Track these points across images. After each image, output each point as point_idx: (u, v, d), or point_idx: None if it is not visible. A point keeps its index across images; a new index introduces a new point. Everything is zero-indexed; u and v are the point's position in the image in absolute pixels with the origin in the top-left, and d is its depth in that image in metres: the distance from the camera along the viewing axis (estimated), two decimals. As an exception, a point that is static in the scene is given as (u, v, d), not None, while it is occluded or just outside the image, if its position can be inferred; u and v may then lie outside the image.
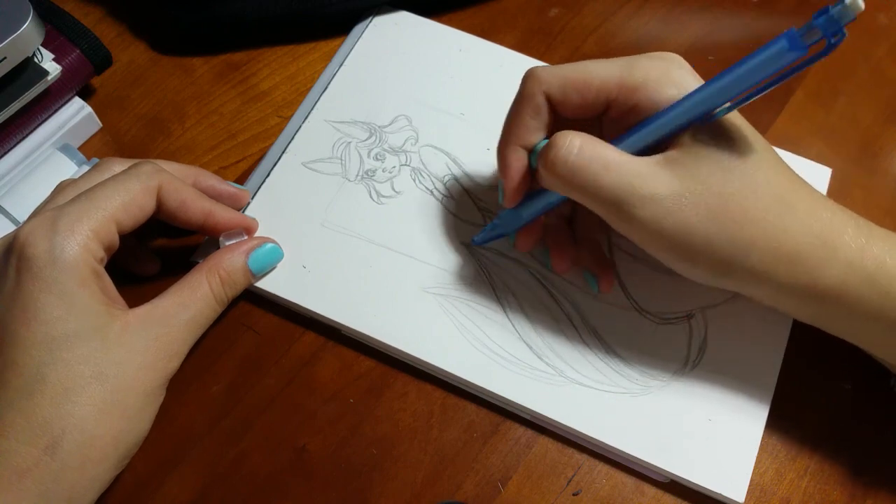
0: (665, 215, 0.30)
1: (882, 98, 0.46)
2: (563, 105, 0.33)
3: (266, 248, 0.37)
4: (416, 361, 0.37)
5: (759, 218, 0.30)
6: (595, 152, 0.31)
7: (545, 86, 0.33)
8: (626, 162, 0.31)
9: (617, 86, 0.32)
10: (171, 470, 0.35)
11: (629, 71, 0.32)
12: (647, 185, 0.30)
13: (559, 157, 0.31)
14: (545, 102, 0.33)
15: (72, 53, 0.41)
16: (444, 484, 0.35)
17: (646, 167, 0.31)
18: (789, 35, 0.27)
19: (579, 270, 0.38)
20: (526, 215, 0.36)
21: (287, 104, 0.45)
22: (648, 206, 0.30)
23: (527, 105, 0.34)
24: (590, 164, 0.31)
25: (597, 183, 0.31)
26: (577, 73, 0.33)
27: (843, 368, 0.38)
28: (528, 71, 0.34)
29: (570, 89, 0.33)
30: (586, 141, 0.31)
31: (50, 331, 0.30)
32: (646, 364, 0.36)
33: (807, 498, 0.35)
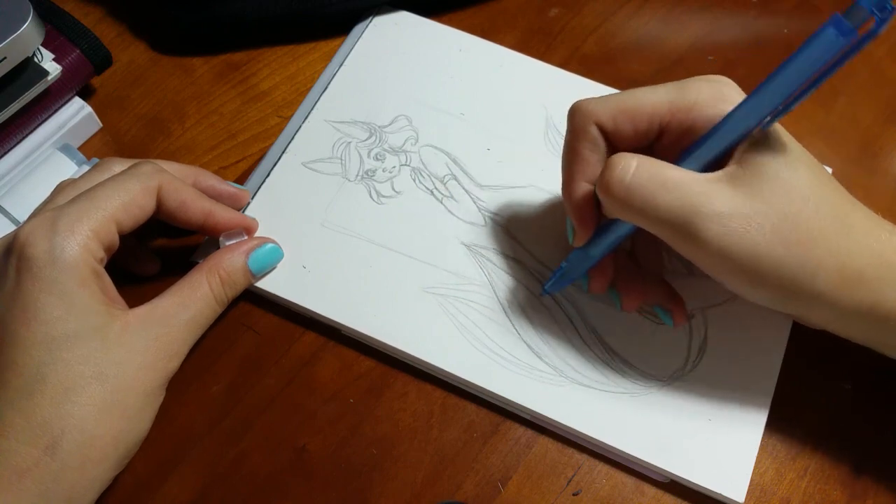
0: (731, 236, 0.29)
1: (882, 98, 0.46)
2: (616, 135, 0.32)
3: (266, 248, 0.37)
4: (416, 361, 0.37)
5: (824, 239, 0.29)
6: (653, 171, 0.30)
7: (595, 117, 0.32)
8: (687, 180, 0.30)
9: (669, 109, 0.31)
10: (171, 470, 0.35)
11: (681, 93, 0.32)
12: (710, 203, 0.29)
13: (615, 179, 0.30)
14: (599, 134, 0.33)
15: (72, 53, 0.41)
16: (444, 484, 0.35)
17: (707, 184, 0.30)
18: (835, 20, 0.26)
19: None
20: (595, 254, 0.34)
21: (287, 104, 0.45)
22: (713, 225, 0.29)
23: (582, 139, 0.33)
24: (648, 184, 0.30)
25: (656, 203, 0.30)
26: (627, 101, 0.32)
27: (843, 368, 0.38)
28: (574, 106, 0.33)
29: (622, 118, 0.32)
30: (643, 160, 0.30)
31: (50, 331, 0.30)
32: (646, 364, 0.36)
33: (807, 498, 0.35)
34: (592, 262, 0.35)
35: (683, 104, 0.31)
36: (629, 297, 0.36)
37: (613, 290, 0.37)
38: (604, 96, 0.33)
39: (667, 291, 0.37)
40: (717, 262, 0.30)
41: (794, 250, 0.29)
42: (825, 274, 0.29)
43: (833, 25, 0.26)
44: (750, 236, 0.29)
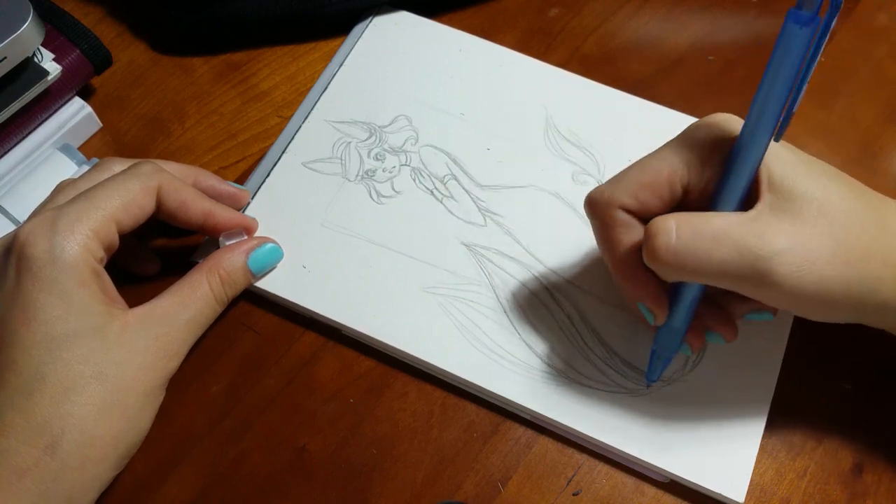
0: (800, 271, 0.28)
1: (882, 98, 0.46)
2: (643, 211, 0.32)
3: (266, 247, 0.37)
4: (416, 361, 0.37)
5: (876, 249, 0.29)
6: (695, 227, 0.29)
7: (617, 202, 0.32)
8: (732, 224, 0.29)
9: (685, 168, 0.31)
10: (171, 470, 0.35)
11: (689, 149, 0.31)
12: (767, 244, 0.28)
13: (660, 246, 0.29)
14: (626, 215, 0.32)
15: (72, 53, 0.41)
16: (444, 484, 0.35)
17: (754, 224, 0.29)
18: (791, 14, 0.26)
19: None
20: (679, 325, 0.33)
21: (287, 104, 0.45)
22: (779, 266, 0.28)
23: (613, 227, 0.32)
24: (696, 241, 0.29)
25: (712, 258, 0.29)
26: (643, 177, 0.31)
27: (843, 368, 0.38)
28: (589, 198, 0.33)
29: (643, 194, 0.31)
30: (682, 218, 0.29)
31: (50, 330, 0.30)
32: (646, 364, 0.36)
33: (807, 498, 0.35)
34: (682, 334, 0.33)
35: (696, 159, 0.31)
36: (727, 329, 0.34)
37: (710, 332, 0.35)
38: (616, 178, 0.32)
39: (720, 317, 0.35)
40: (791, 299, 0.29)
41: (858, 267, 0.29)
42: (886, 283, 0.29)
43: (791, 20, 0.27)
44: (817, 268, 0.28)
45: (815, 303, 0.30)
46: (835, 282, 0.29)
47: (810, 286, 0.29)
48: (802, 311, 0.31)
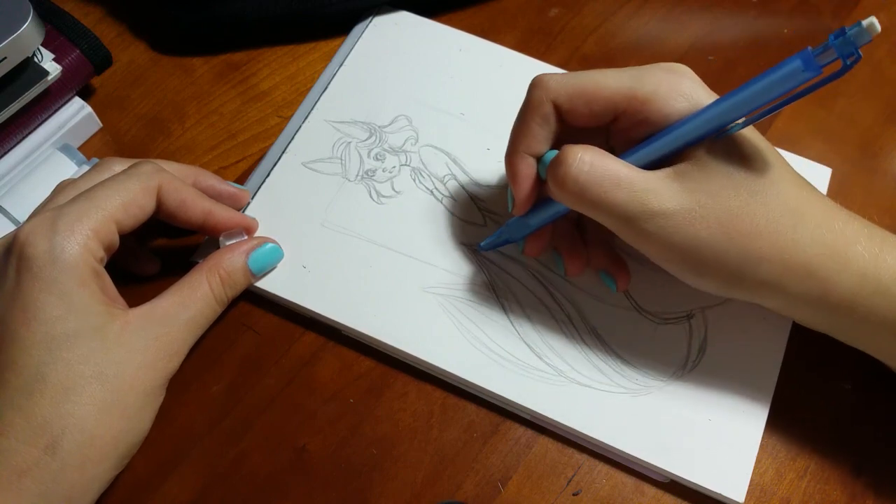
0: (675, 230, 0.30)
1: (882, 98, 0.46)
2: (571, 114, 0.33)
3: (266, 247, 0.37)
4: (416, 361, 0.37)
5: (770, 231, 0.30)
6: (606, 169, 0.31)
7: (553, 94, 0.33)
8: (638, 178, 0.31)
9: (626, 98, 0.32)
10: (171, 470, 0.35)
11: (639, 82, 0.32)
12: (658, 201, 0.30)
13: (570, 174, 0.31)
14: (553, 111, 0.33)
15: (72, 53, 0.41)
16: (444, 484, 0.35)
17: (657, 182, 0.31)
18: (804, 55, 0.27)
19: (591, 272, 0.38)
20: (534, 223, 0.36)
21: (287, 104, 0.45)
22: (659, 220, 0.30)
23: (534, 113, 0.33)
24: (601, 181, 0.31)
25: (608, 199, 0.31)
26: (586, 83, 0.32)
27: (843, 369, 0.38)
28: (536, 78, 0.34)
29: (579, 99, 0.32)
30: (596, 157, 0.31)
31: (50, 330, 0.30)
32: (646, 364, 0.36)
33: (807, 498, 0.35)
34: (530, 231, 0.36)
35: (641, 95, 0.32)
36: (573, 262, 0.37)
37: (558, 255, 0.38)
38: (565, 74, 0.33)
39: (611, 257, 0.38)
40: (659, 252, 0.32)
41: (738, 241, 0.30)
42: (768, 264, 0.30)
43: (801, 59, 0.27)
44: (693, 228, 0.30)
45: (681, 262, 0.32)
46: (707, 247, 0.30)
47: (678, 244, 0.31)
48: (673, 269, 0.33)
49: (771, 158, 0.31)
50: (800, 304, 0.32)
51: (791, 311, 0.33)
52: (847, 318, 0.32)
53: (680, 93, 0.32)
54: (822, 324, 0.33)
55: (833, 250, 0.30)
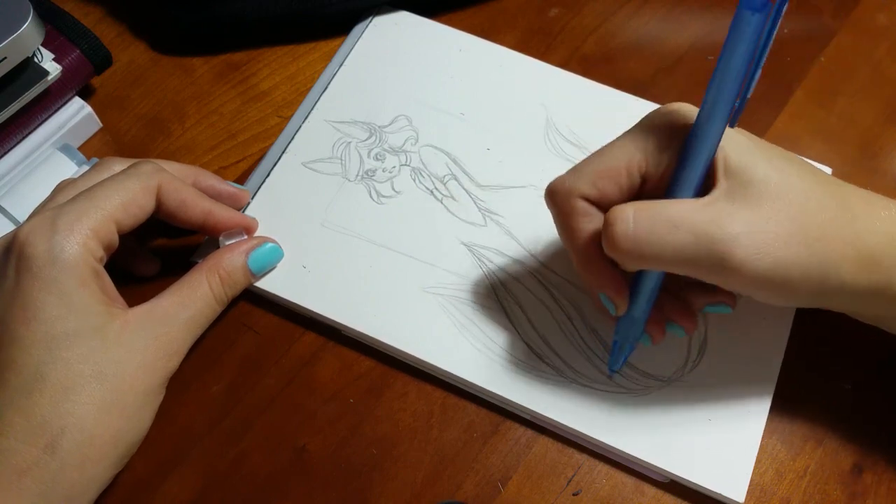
0: (756, 256, 0.29)
1: (882, 98, 0.46)
2: (602, 199, 0.32)
3: (266, 247, 0.37)
4: (416, 361, 0.37)
5: (836, 231, 0.29)
6: (653, 213, 0.29)
7: (577, 192, 0.32)
8: (689, 210, 0.29)
9: (643, 157, 0.31)
10: (171, 470, 0.35)
11: (646, 138, 0.31)
12: (723, 227, 0.29)
13: (619, 234, 0.29)
14: (586, 203, 0.32)
15: (72, 53, 0.41)
16: (444, 484, 0.35)
17: (710, 209, 0.29)
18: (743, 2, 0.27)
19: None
20: (639, 314, 0.33)
21: (287, 104, 0.45)
22: (738, 247, 0.28)
23: (573, 216, 0.32)
24: (654, 228, 0.29)
25: (670, 244, 0.29)
26: (601, 166, 0.31)
27: (843, 368, 0.38)
28: (550, 188, 0.33)
29: (602, 182, 0.31)
30: (639, 206, 0.29)
31: (49, 330, 0.30)
32: (646, 364, 0.36)
33: (807, 498, 0.35)
34: (642, 323, 0.34)
35: (653, 148, 0.31)
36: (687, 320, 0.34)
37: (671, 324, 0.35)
38: (576, 168, 0.32)
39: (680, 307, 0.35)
40: (748, 283, 0.30)
41: (815, 248, 0.29)
42: (847, 264, 0.30)
43: (744, 5, 0.27)
44: (773, 250, 0.29)
45: (773, 286, 0.30)
46: (793, 264, 0.29)
47: (768, 269, 0.29)
48: (762, 296, 0.31)
49: (788, 156, 0.31)
50: (868, 298, 0.31)
51: (858, 307, 0.32)
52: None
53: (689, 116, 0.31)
54: (885, 315, 0.32)
55: (889, 237, 0.30)
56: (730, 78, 0.28)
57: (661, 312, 0.34)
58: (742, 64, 0.28)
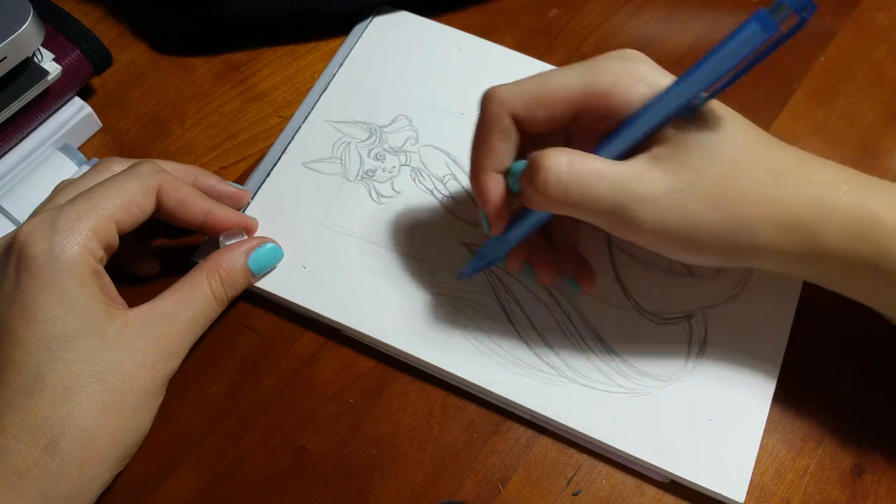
0: (667, 213, 0.30)
1: (882, 98, 0.46)
2: (531, 122, 0.32)
3: (266, 247, 0.37)
4: (416, 361, 0.37)
5: (756, 194, 0.30)
6: (585, 166, 0.30)
7: (509, 106, 0.32)
8: (618, 169, 0.30)
9: (583, 94, 0.31)
10: (171, 470, 0.35)
11: (594, 77, 0.31)
12: (644, 187, 0.30)
13: (550, 178, 0.30)
14: (512, 123, 0.32)
15: (72, 53, 0.41)
16: (444, 484, 0.35)
17: (638, 169, 0.30)
18: (759, 16, 0.27)
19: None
20: (514, 239, 0.35)
21: (287, 104, 0.45)
22: (650, 206, 0.30)
23: (494, 128, 0.32)
24: (583, 179, 0.30)
25: (594, 196, 0.30)
26: (541, 88, 0.32)
27: (843, 369, 0.38)
28: (487, 93, 0.33)
29: (536, 106, 0.32)
30: (573, 156, 0.30)
31: (49, 330, 0.30)
32: (646, 364, 0.36)
33: (807, 498, 0.35)
34: (511, 247, 0.36)
35: (598, 89, 0.31)
36: (545, 270, 0.37)
37: (528, 265, 0.37)
38: (516, 83, 0.32)
39: (578, 262, 0.37)
40: (655, 239, 0.31)
41: (730, 212, 0.30)
42: (763, 228, 0.30)
43: (757, 20, 0.27)
44: (685, 208, 0.30)
45: (679, 244, 0.31)
46: (701, 224, 0.30)
47: (673, 227, 0.30)
48: (671, 252, 0.32)
49: (738, 123, 0.31)
50: (793, 260, 0.32)
51: (785, 268, 0.33)
52: (836, 267, 0.32)
53: (639, 78, 0.31)
54: (814, 275, 0.33)
55: (817, 202, 0.31)
56: (706, 77, 0.29)
57: (562, 265, 0.37)
58: (725, 69, 0.29)
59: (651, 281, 0.38)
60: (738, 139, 0.31)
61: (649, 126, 0.31)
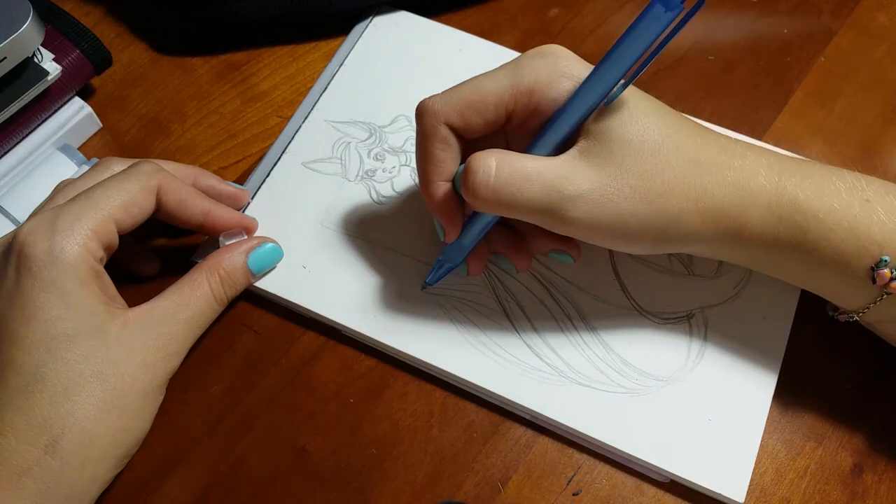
0: (597, 209, 0.31)
1: (882, 98, 0.46)
2: (466, 129, 0.33)
3: (266, 247, 0.37)
4: (416, 361, 0.37)
5: (679, 185, 0.31)
6: (512, 167, 0.31)
7: (443, 116, 0.33)
8: (546, 168, 0.31)
9: (511, 95, 0.32)
10: (171, 470, 0.35)
11: (518, 76, 0.32)
12: (572, 185, 0.30)
13: (479, 183, 0.31)
14: (449, 132, 0.33)
15: (72, 53, 0.41)
16: (444, 484, 0.35)
17: (565, 167, 0.31)
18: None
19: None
20: (468, 243, 0.35)
21: (287, 104, 0.45)
22: (579, 204, 0.30)
23: (433, 139, 0.33)
24: (512, 181, 0.30)
25: (523, 197, 0.31)
26: (471, 95, 0.32)
27: (843, 369, 0.38)
28: (420, 107, 0.33)
29: (468, 112, 0.32)
30: (501, 158, 0.31)
31: (49, 330, 0.30)
32: (646, 364, 0.36)
33: (807, 498, 0.35)
34: (467, 251, 0.36)
35: (524, 87, 0.32)
36: (519, 258, 0.37)
37: (503, 258, 0.38)
38: (447, 92, 0.33)
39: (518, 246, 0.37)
40: (588, 234, 0.32)
41: (656, 203, 0.31)
42: (688, 217, 0.31)
43: (660, 1, 0.28)
44: (613, 204, 0.31)
45: (613, 236, 0.32)
46: (631, 217, 0.31)
47: (605, 222, 0.31)
48: (603, 243, 0.33)
49: (659, 113, 0.32)
50: (720, 245, 0.33)
51: (714, 253, 0.34)
52: (761, 250, 0.32)
53: (561, 73, 0.32)
54: (743, 259, 0.34)
55: (738, 188, 0.31)
56: (620, 64, 0.30)
57: (494, 247, 0.37)
58: (636, 53, 0.29)
59: (651, 281, 0.38)
60: (658, 129, 0.31)
61: (574, 120, 0.31)
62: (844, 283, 0.32)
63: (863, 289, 0.32)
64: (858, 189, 0.31)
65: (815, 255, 0.31)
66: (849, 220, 0.31)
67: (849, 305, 0.34)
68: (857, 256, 0.31)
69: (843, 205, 0.31)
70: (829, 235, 0.31)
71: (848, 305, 0.34)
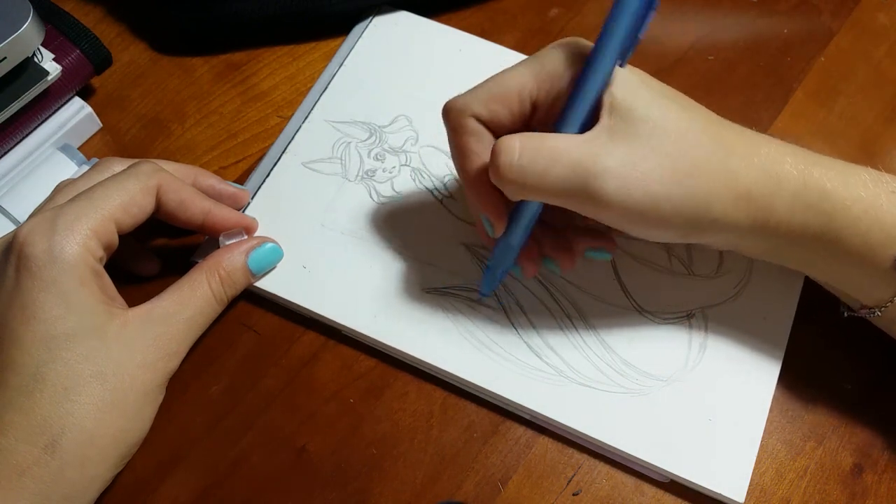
0: (627, 186, 0.30)
1: (882, 98, 0.46)
2: (493, 121, 0.33)
3: (266, 247, 0.37)
4: (416, 361, 0.37)
5: (709, 167, 0.31)
6: (537, 146, 0.30)
7: (470, 111, 0.33)
8: (572, 144, 0.30)
9: (534, 83, 0.32)
10: (171, 470, 0.35)
11: (539, 65, 0.32)
12: (599, 161, 0.30)
13: (504, 163, 0.30)
14: (477, 124, 0.33)
15: (72, 53, 0.41)
16: (444, 484, 0.35)
17: (590, 143, 0.30)
18: None
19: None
20: (515, 242, 0.35)
21: (287, 104, 0.45)
22: (609, 180, 0.30)
23: (464, 135, 0.33)
24: (537, 159, 0.30)
25: (550, 175, 0.30)
26: (495, 87, 0.32)
27: (843, 369, 0.38)
28: (446, 105, 0.34)
29: (494, 104, 0.32)
30: (525, 138, 0.30)
31: (49, 329, 0.30)
32: (646, 364, 0.36)
33: (807, 498, 0.35)
34: (516, 252, 0.35)
35: (545, 75, 0.32)
36: (566, 257, 0.36)
37: (548, 260, 0.37)
38: (471, 89, 0.33)
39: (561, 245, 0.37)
40: (620, 216, 0.31)
41: (687, 184, 0.30)
42: (718, 200, 0.31)
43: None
44: (643, 183, 0.30)
45: (644, 220, 0.31)
46: (664, 198, 0.30)
47: (637, 203, 0.30)
48: (635, 229, 0.32)
49: (673, 94, 0.32)
50: (747, 234, 0.32)
51: (739, 243, 0.33)
52: (786, 240, 0.32)
53: (581, 56, 0.32)
54: (767, 250, 0.33)
55: (766, 173, 0.31)
56: (623, 18, 0.30)
57: (540, 249, 0.36)
58: (637, 5, 0.29)
59: (651, 281, 0.38)
60: (681, 113, 0.31)
61: (593, 92, 0.31)
62: (868, 275, 0.32)
63: (886, 280, 0.32)
64: (883, 182, 0.31)
65: (841, 244, 0.31)
66: (875, 210, 0.31)
67: (870, 300, 0.34)
68: (882, 246, 0.31)
69: (870, 194, 0.31)
70: (857, 224, 0.31)
71: (869, 300, 0.34)
